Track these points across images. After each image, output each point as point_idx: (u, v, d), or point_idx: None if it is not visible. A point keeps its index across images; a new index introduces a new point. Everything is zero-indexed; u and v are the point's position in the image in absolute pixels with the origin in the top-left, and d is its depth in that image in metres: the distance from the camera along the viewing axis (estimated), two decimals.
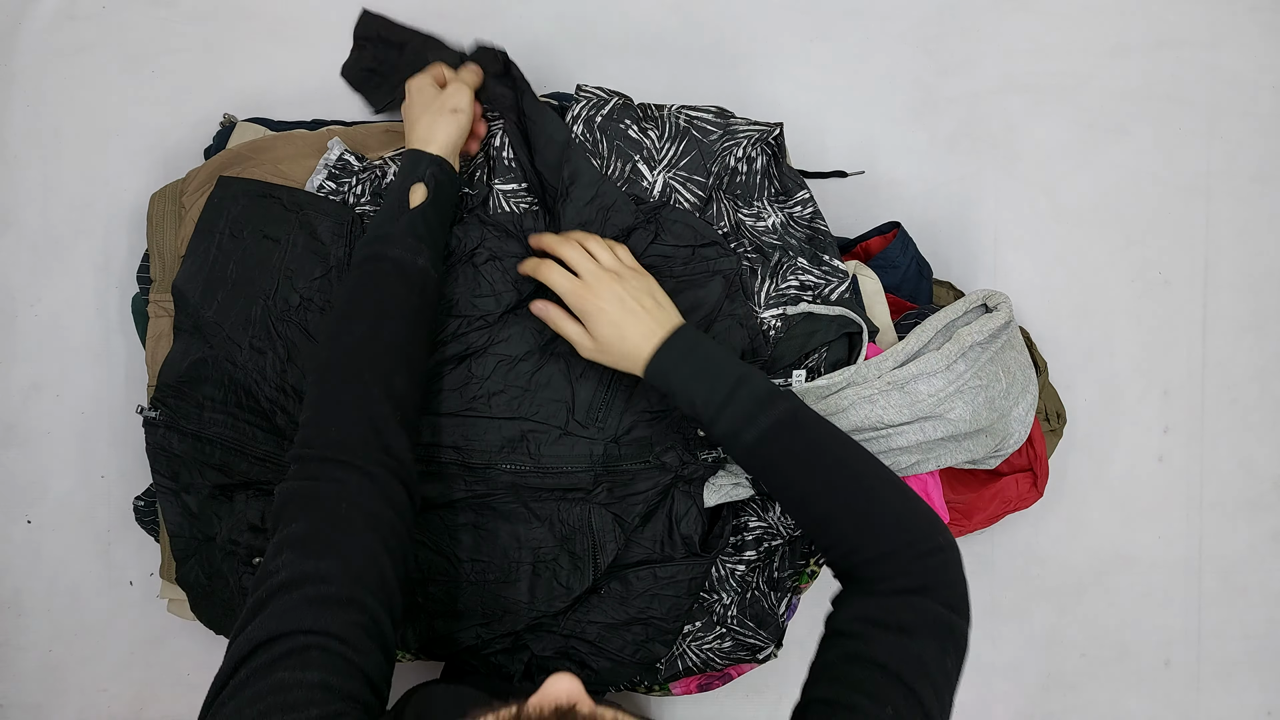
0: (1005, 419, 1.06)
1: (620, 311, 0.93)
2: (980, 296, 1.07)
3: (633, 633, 1.05)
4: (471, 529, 1.05)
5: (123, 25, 1.34)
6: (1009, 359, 1.07)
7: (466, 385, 1.05)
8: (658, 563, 1.04)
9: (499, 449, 1.04)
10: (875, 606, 0.81)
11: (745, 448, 0.90)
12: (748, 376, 0.91)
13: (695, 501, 1.04)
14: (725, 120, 1.08)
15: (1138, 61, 1.37)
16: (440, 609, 1.06)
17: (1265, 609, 1.39)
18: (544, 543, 1.04)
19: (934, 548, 0.84)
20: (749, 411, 0.89)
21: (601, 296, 0.93)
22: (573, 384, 1.04)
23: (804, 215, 1.09)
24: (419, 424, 1.02)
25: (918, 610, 0.80)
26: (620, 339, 0.93)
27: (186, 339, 1.11)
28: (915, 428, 1.02)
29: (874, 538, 0.85)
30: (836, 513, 0.87)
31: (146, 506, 1.21)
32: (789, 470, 0.89)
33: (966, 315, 1.07)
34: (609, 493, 1.04)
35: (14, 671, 1.37)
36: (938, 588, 0.83)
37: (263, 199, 1.10)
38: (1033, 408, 1.08)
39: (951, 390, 1.01)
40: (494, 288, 1.05)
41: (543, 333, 1.05)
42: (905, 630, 0.79)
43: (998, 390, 1.03)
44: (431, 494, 1.05)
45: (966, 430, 1.02)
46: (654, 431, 1.04)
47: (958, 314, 1.06)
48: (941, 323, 1.05)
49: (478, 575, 1.05)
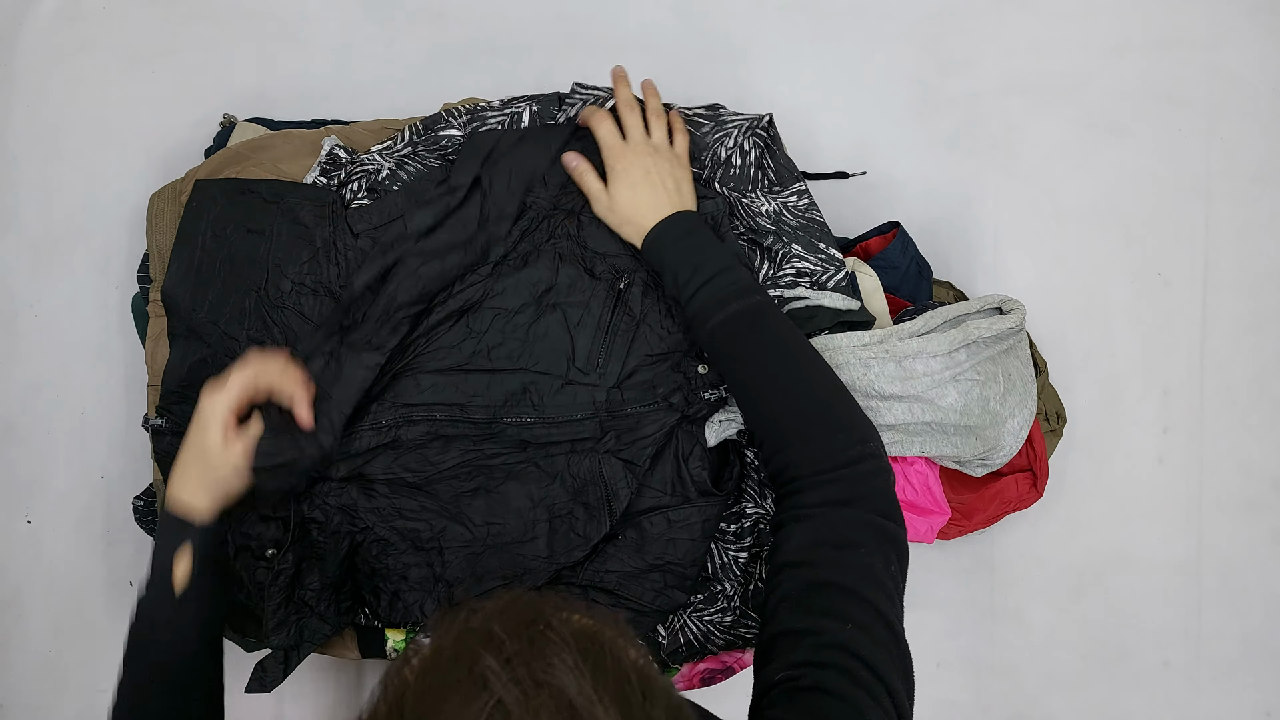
0: (998, 427, 1.06)
1: (643, 180, 1.00)
2: (997, 300, 1.08)
3: (651, 580, 1.07)
4: (483, 493, 1.07)
5: (123, 25, 1.34)
6: (1011, 365, 1.07)
7: (465, 341, 1.07)
8: (670, 507, 1.06)
9: (502, 403, 1.06)
10: (817, 529, 0.83)
11: (709, 330, 0.94)
12: (733, 267, 0.97)
13: (700, 441, 1.07)
14: (716, 113, 1.10)
15: (1138, 61, 1.37)
16: (458, 575, 1.07)
17: (1265, 609, 1.39)
18: (557, 498, 1.06)
19: (866, 454, 0.87)
20: (723, 296, 0.94)
21: (632, 162, 1.01)
22: (571, 333, 1.07)
23: (799, 206, 1.10)
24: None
25: (856, 523, 0.83)
26: (632, 204, 1.00)
27: (183, 343, 1.11)
28: (904, 407, 1.02)
29: (808, 437, 0.88)
30: (780, 408, 0.90)
31: (146, 506, 1.21)
32: (744, 359, 0.93)
33: (980, 312, 1.07)
34: (617, 439, 1.06)
35: (14, 671, 1.37)
36: (870, 497, 0.85)
37: (242, 195, 1.10)
38: (1028, 424, 1.08)
39: (947, 376, 1.01)
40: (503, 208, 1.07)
41: (537, 284, 1.07)
42: (851, 545, 0.81)
43: (994, 391, 1.03)
44: (434, 457, 1.06)
45: (954, 422, 1.02)
46: (655, 374, 1.06)
47: (971, 310, 1.06)
48: (953, 314, 1.05)
49: (494, 539, 1.07)
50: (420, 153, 1.11)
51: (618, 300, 1.07)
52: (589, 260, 1.08)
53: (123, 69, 1.33)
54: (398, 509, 1.07)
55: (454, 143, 1.10)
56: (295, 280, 1.09)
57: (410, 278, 1.04)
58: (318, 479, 1.07)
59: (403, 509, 1.07)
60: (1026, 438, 1.14)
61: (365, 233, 1.09)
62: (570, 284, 1.07)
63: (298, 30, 1.34)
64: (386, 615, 1.09)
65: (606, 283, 1.07)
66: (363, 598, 1.10)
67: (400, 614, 1.09)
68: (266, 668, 1.05)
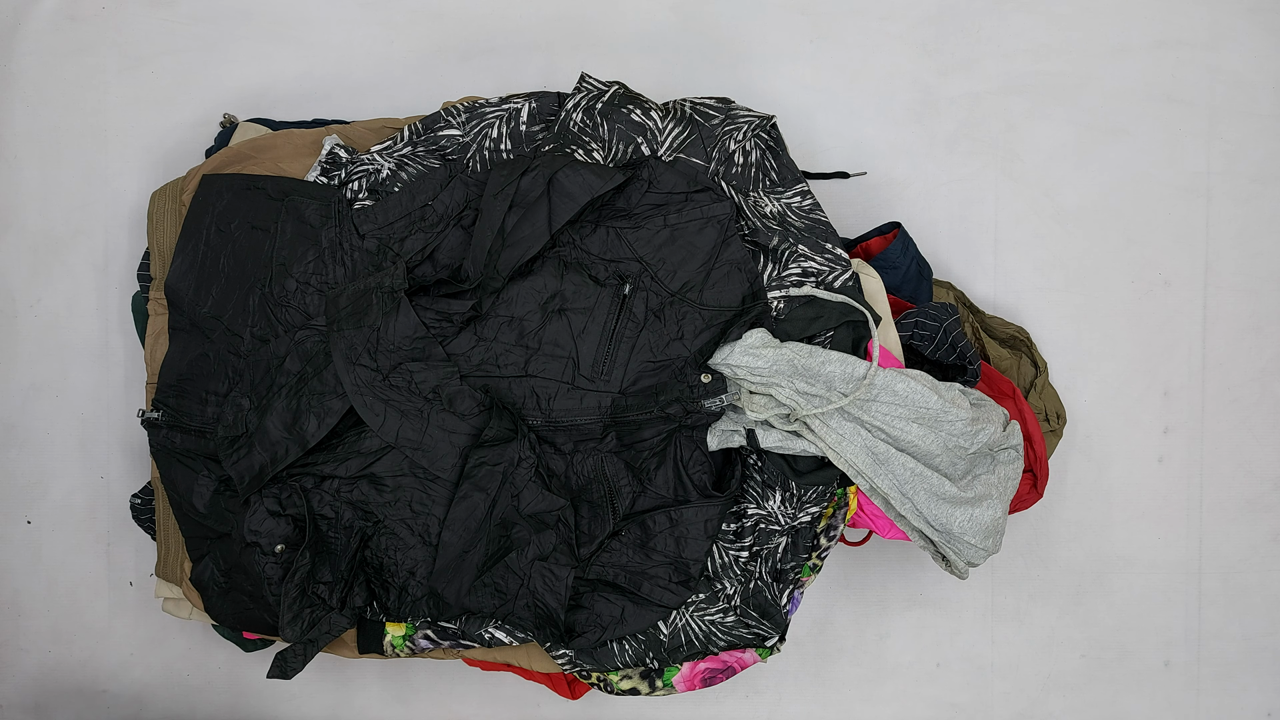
0: (948, 519, 1.07)
1: None
2: None
3: (654, 576, 1.08)
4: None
5: (122, 26, 1.34)
6: (1004, 471, 1.10)
7: (474, 349, 1.08)
8: (672, 506, 1.08)
9: (510, 407, 1.08)
10: None
11: None
12: None
13: (700, 447, 1.09)
14: (727, 106, 1.10)
15: (1138, 61, 1.37)
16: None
17: (1265, 610, 1.39)
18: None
19: None
20: None
21: None
22: (575, 340, 1.08)
23: (803, 206, 1.10)
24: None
25: None
26: None
27: (184, 338, 1.11)
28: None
29: None
30: None
31: (143, 504, 1.21)
32: None
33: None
34: (618, 440, 1.08)
35: (14, 672, 1.37)
36: None
37: (247, 191, 1.11)
38: (986, 532, 1.08)
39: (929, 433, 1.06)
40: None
41: (543, 291, 1.08)
42: None
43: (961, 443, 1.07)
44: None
45: (924, 450, 1.05)
46: (658, 381, 1.08)
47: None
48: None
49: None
50: (420, 152, 1.11)
51: (622, 306, 1.07)
52: (593, 266, 1.09)
53: (122, 69, 1.34)
54: (407, 503, 1.08)
55: (453, 142, 1.11)
56: (300, 280, 1.09)
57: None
58: (325, 477, 1.08)
59: (411, 502, 1.08)
60: (1025, 437, 1.14)
61: (371, 233, 1.09)
62: (575, 290, 1.07)
63: (298, 30, 1.34)
64: (395, 609, 1.10)
65: (611, 289, 1.08)
66: (374, 591, 1.11)
67: (408, 608, 1.10)
68: (287, 657, 1.06)
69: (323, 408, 1.06)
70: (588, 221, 1.09)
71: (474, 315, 1.08)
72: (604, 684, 1.12)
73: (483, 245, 1.05)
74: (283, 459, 1.05)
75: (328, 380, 1.06)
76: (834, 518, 1.11)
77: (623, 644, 1.10)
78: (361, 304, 1.05)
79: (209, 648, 1.36)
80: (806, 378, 1.04)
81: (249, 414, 1.08)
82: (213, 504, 1.11)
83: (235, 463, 1.06)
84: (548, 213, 1.04)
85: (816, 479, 1.06)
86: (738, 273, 1.07)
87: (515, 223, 1.04)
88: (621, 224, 1.08)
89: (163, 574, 1.18)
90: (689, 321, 1.08)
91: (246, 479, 1.06)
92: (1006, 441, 1.11)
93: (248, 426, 1.07)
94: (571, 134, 1.09)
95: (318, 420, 1.05)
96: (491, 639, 1.11)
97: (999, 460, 1.11)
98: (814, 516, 1.08)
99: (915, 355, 1.17)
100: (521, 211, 1.04)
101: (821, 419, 1.05)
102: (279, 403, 1.06)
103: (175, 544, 1.16)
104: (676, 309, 1.08)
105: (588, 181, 1.04)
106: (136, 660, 1.37)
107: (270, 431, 1.06)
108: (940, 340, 1.13)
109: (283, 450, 1.05)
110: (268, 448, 1.06)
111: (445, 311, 1.06)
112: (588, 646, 1.09)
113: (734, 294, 1.07)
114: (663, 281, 1.08)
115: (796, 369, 1.04)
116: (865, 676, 1.38)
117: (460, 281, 1.07)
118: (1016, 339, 1.31)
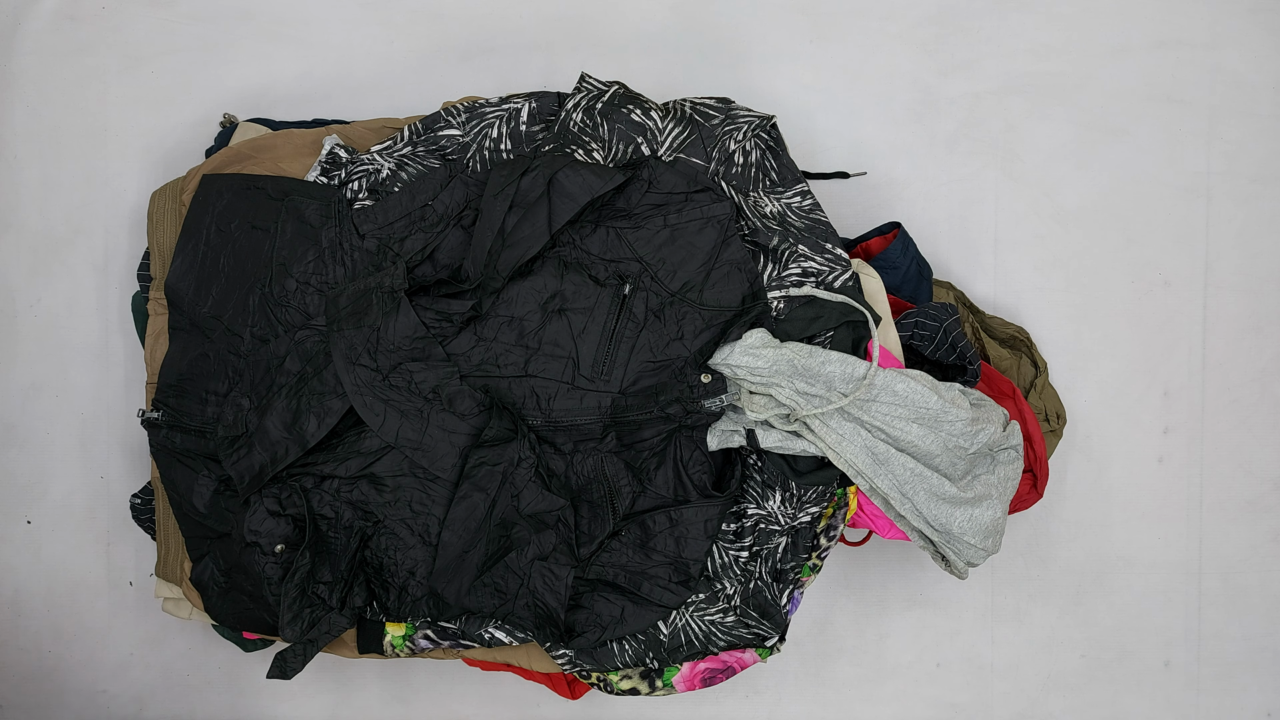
0: (951, 514, 1.07)
1: None
2: None
3: (654, 575, 1.09)
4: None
5: (122, 26, 1.34)
6: (1003, 471, 1.10)
7: (473, 349, 1.08)
8: (672, 506, 1.08)
9: (510, 407, 1.08)
10: None
11: None
12: None
13: (700, 447, 1.09)
14: (727, 106, 1.10)
15: (1138, 61, 1.37)
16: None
17: (1265, 610, 1.39)
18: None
19: None
20: None
21: None
22: (575, 341, 1.08)
23: (803, 206, 1.10)
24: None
25: None
26: None
27: (184, 337, 1.12)
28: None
29: None
30: None
31: (143, 504, 1.21)
32: None
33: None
34: (618, 440, 1.09)
35: (14, 672, 1.37)
36: None
37: (247, 191, 1.11)
38: (986, 532, 1.08)
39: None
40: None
41: (543, 291, 1.08)
42: None
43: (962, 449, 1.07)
44: None
45: (924, 451, 1.05)
46: (658, 381, 1.08)
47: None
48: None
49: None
50: (420, 152, 1.11)
51: (622, 306, 1.07)
52: (593, 266, 1.09)
53: (122, 69, 1.34)
54: (406, 503, 1.09)
55: (453, 142, 1.11)
56: (300, 280, 1.10)
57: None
58: (325, 477, 1.08)
59: (411, 501, 1.09)
60: (1025, 437, 1.14)
61: (371, 233, 1.09)
62: (575, 290, 1.08)
63: (298, 30, 1.34)
64: (395, 609, 1.10)
65: (611, 289, 1.08)
66: (374, 591, 1.11)
67: (408, 608, 1.10)
68: (287, 657, 1.06)
69: (323, 408, 1.06)
70: (588, 221, 1.09)
71: (474, 315, 1.08)
72: (604, 684, 1.12)
73: (483, 245, 1.05)
74: (283, 459, 1.06)
75: (328, 380, 1.06)
76: (834, 518, 1.11)
77: (623, 644, 1.10)
78: (361, 304, 1.05)
79: (209, 648, 1.36)
80: (806, 378, 1.04)
81: (249, 414, 1.08)
82: (213, 504, 1.11)
83: (235, 463, 1.06)
84: (548, 213, 1.04)
85: (816, 479, 1.06)
86: (738, 273, 1.07)
87: (515, 223, 1.04)
88: (621, 224, 1.08)
89: (163, 574, 1.18)
90: (689, 321, 1.08)
91: (246, 479, 1.06)
92: (1006, 441, 1.11)
93: (248, 426, 1.07)
94: (571, 134, 1.09)
95: (318, 420, 1.05)
96: (491, 639, 1.11)
97: (999, 460, 1.11)
98: (814, 516, 1.08)
99: (915, 355, 1.18)
100: (521, 211, 1.04)
101: (821, 419, 1.05)
102: (279, 403, 1.06)
103: (175, 544, 1.16)
104: (676, 309, 1.08)
105: (588, 182, 1.04)
106: (136, 660, 1.37)
107: (270, 431, 1.06)
108: (940, 340, 1.13)
109: (283, 450, 1.05)
110: (268, 448, 1.06)
111: (445, 311, 1.06)
112: (588, 646, 1.09)
113: (734, 294, 1.07)
114: (663, 281, 1.08)
115: (796, 369, 1.04)
116: (865, 676, 1.38)
117: (460, 281, 1.07)
118: (1016, 339, 1.31)
